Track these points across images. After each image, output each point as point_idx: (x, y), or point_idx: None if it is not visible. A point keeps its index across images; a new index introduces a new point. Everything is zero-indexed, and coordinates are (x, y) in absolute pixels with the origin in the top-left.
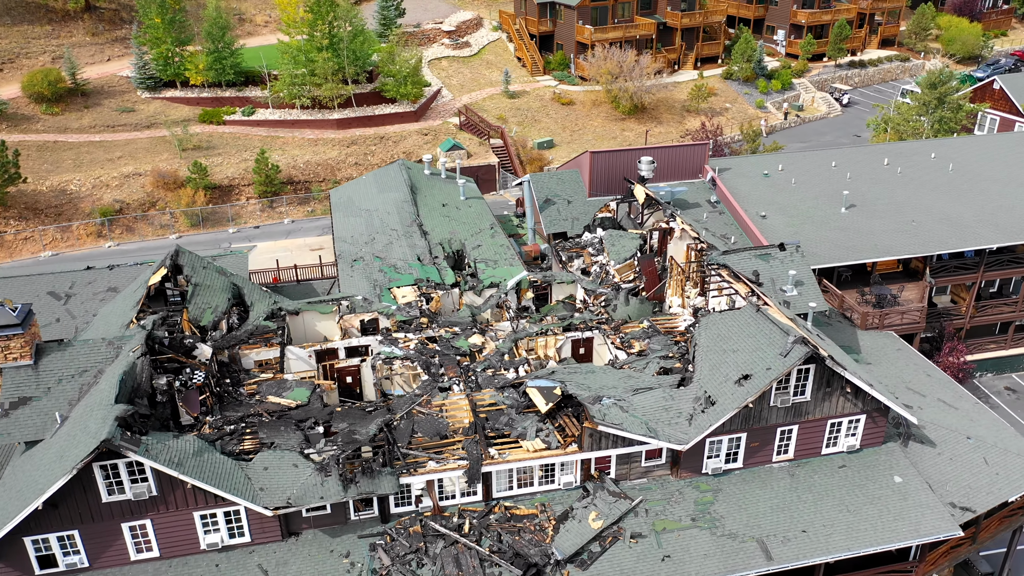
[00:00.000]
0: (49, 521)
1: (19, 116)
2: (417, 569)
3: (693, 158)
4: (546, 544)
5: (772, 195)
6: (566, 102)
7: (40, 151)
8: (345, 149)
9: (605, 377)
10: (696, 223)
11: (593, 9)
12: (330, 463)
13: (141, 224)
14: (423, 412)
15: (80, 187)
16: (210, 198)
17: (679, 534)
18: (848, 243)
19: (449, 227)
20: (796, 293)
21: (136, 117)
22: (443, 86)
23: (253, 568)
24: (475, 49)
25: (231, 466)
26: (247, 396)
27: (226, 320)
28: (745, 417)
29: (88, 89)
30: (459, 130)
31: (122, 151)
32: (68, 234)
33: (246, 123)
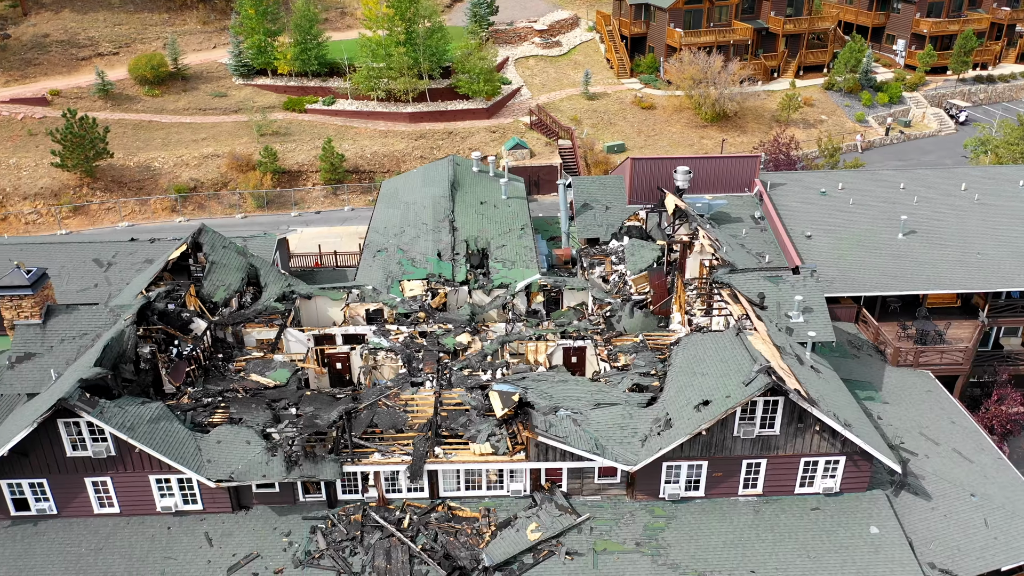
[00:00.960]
0: (22, 468)
1: (123, 97)
2: (349, 556)
3: (743, 170)
4: (478, 549)
5: (824, 215)
6: (647, 106)
7: (135, 129)
8: (413, 142)
9: (574, 388)
10: (723, 239)
11: (686, 12)
12: (277, 444)
13: (212, 202)
14: (388, 404)
15: (163, 164)
16: (278, 182)
17: (618, 557)
18: (898, 271)
19: (480, 225)
20: (802, 320)
21: (227, 102)
22: (523, 84)
23: (200, 535)
24: (565, 49)
25: (185, 436)
26: (234, 372)
27: (238, 298)
28: (707, 445)
29: (188, 74)
30: (529, 129)
31: (207, 133)
32: (146, 207)
33: (325, 112)
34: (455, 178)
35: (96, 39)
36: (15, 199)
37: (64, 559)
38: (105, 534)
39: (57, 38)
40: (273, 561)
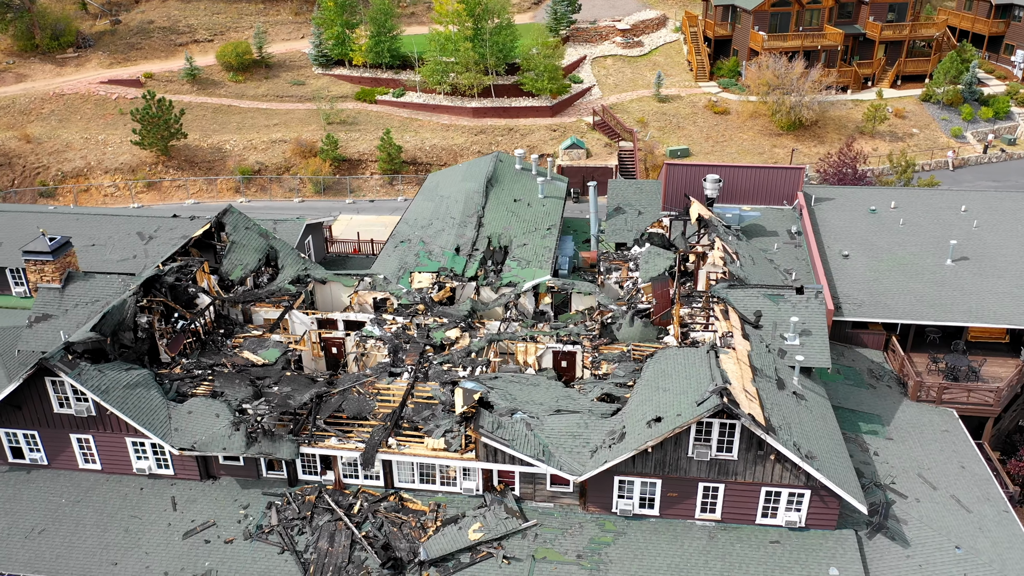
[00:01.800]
0: (17, 419)
1: (209, 81)
2: (296, 535)
3: (786, 182)
4: (418, 542)
5: (869, 234)
6: (720, 111)
7: (214, 113)
8: (473, 137)
9: (543, 393)
10: (748, 252)
11: (772, 15)
12: (241, 420)
13: (274, 185)
14: (360, 392)
15: (233, 147)
16: (337, 169)
17: (556, 567)
18: (938, 300)
19: (508, 222)
20: (797, 342)
21: (303, 90)
22: (595, 84)
23: (167, 498)
24: (646, 49)
25: (158, 404)
26: (230, 348)
27: (253, 278)
28: (660, 463)
29: (271, 62)
30: (591, 129)
31: (280, 119)
32: (212, 187)
33: (394, 104)
34: (494, 174)
35: (194, 27)
36: (98, 172)
37: (45, 507)
38: (86, 488)
39: (160, 25)
40: (227, 531)
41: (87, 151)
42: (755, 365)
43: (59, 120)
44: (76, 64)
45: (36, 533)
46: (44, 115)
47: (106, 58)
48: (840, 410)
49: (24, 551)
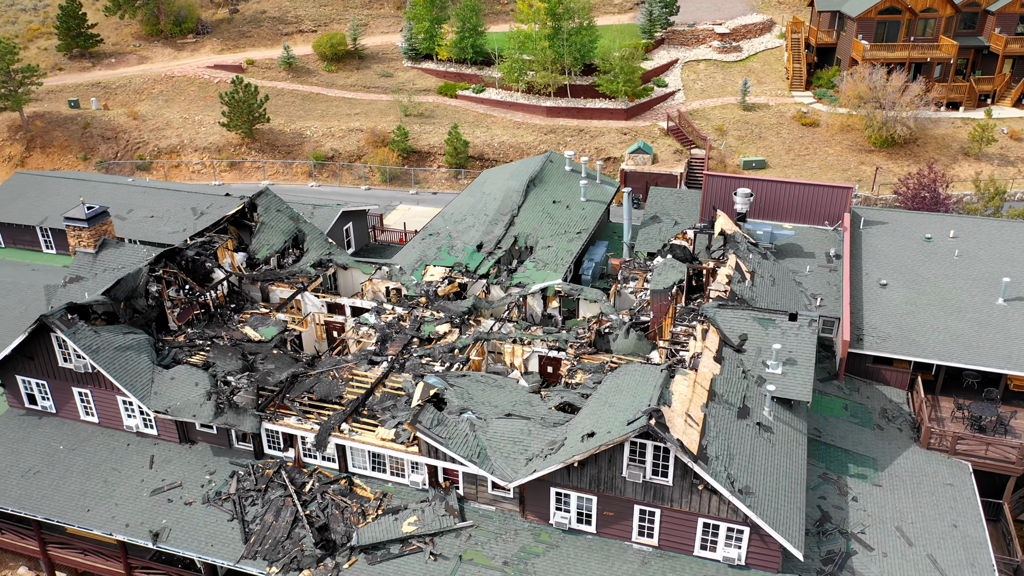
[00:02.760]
0: (30, 369)
1: (303, 70)
2: (248, 505)
3: (833, 202)
4: (355, 527)
5: (916, 263)
6: (808, 123)
7: (303, 100)
8: (542, 136)
9: (506, 396)
10: (770, 272)
11: (879, 23)
12: (213, 390)
13: (344, 172)
14: (335, 375)
15: (313, 133)
16: (406, 160)
17: (480, 571)
18: (978, 341)
19: (540, 223)
20: (779, 371)
21: (390, 82)
22: (681, 88)
23: (147, 456)
24: (743, 55)
25: (144, 367)
26: (236, 322)
27: (279, 258)
28: (596, 479)
29: (365, 53)
30: (664, 134)
31: (362, 109)
32: (288, 170)
33: (473, 99)
34: (539, 174)
35: (301, 17)
36: (189, 150)
37: (44, 451)
38: (82, 438)
39: (271, 15)
40: (189, 493)
41: (183, 130)
42: (716, 390)
43: (165, 100)
44: (192, 49)
45: (32, 474)
46: (154, 95)
47: (219, 44)
48: (831, 448)
49: (17, 488)
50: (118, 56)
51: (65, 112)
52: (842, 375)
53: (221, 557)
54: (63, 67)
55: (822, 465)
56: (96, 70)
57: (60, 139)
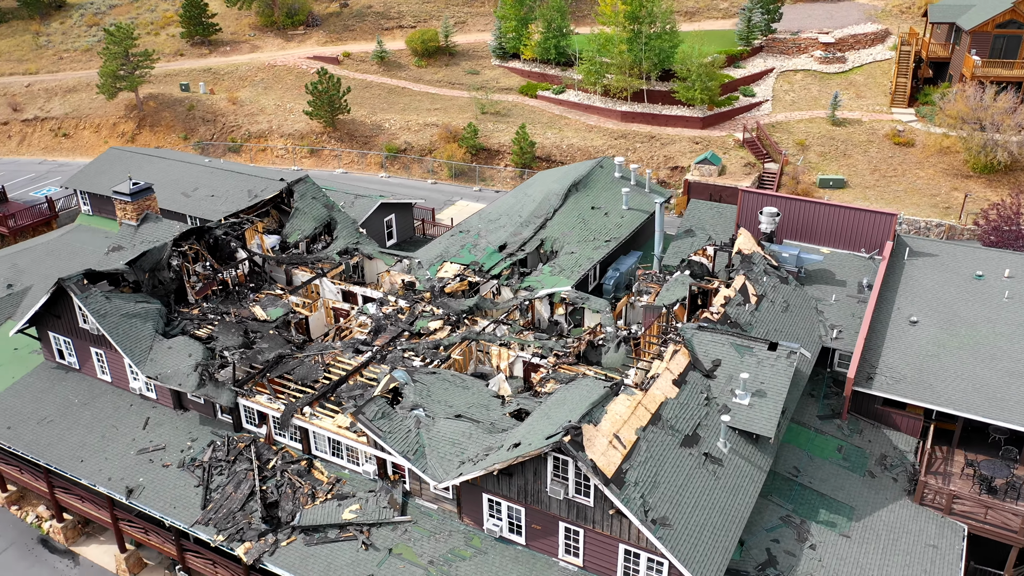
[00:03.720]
0: (58, 327)
1: (394, 64)
2: (216, 475)
3: (875, 228)
4: (302, 508)
5: (957, 302)
6: (902, 142)
7: (388, 93)
8: (612, 140)
9: (464, 397)
10: (783, 297)
11: (996, 37)
12: (200, 363)
13: (415, 165)
14: (318, 360)
15: (391, 126)
16: (475, 157)
17: (404, 566)
18: (1008, 394)
19: (571, 228)
20: (746, 402)
21: (475, 79)
22: (770, 99)
23: (144, 417)
24: (847, 66)
25: (146, 335)
26: (250, 301)
27: (309, 243)
28: (523, 491)
29: (455, 50)
30: (739, 146)
31: (442, 105)
32: (363, 160)
33: (551, 100)
34: (584, 179)
35: (403, 13)
36: (276, 136)
37: (61, 402)
38: (95, 394)
39: (376, 10)
40: (169, 456)
41: (274, 116)
42: (663, 414)
43: (264, 87)
44: (299, 40)
45: (46, 422)
46: (255, 82)
47: (324, 36)
48: (806, 490)
49: (31, 434)
50: (233, 44)
51: (176, 95)
52: (845, 414)
53: (178, 519)
54: (184, 53)
55: (789, 507)
56: (212, 57)
57: (167, 119)
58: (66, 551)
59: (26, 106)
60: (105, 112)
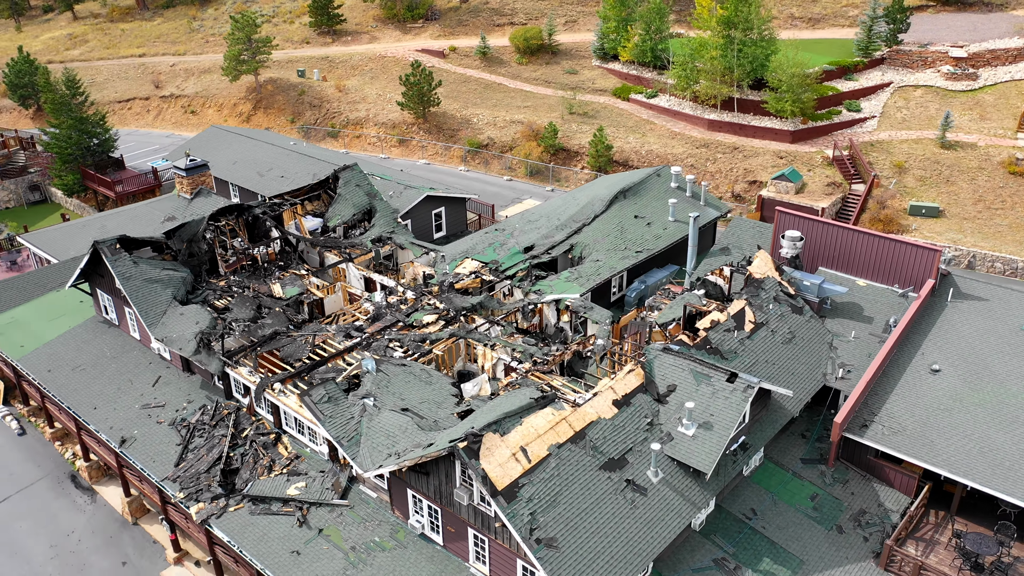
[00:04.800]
0: (103, 285)
1: (495, 60)
2: (195, 435)
3: (917, 264)
4: (257, 479)
5: (991, 353)
6: (1018, 171)
7: (484, 88)
8: (693, 149)
9: (421, 392)
10: (788, 328)
11: None
12: (201, 331)
13: (494, 161)
14: (309, 341)
15: (479, 121)
16: (552, 157)
17: (327, 548)
18: (1018, 464)
19: (606, 235)
20: (691, 434)
21: (572, 79)
22: (878, 115)
23: (156, 375)
24: (977, 84)
25: (163, 299)
26: (274, 277)
27: (345, 228)
28: (439, 492)
29: (558, 48)
30: (826, 164)
31: (532, 103)
32: (446, 152)
33: (642, 104)
34: (634, 187)
35: (517, 10)
36: (371, 124)
37: (96, 353)
38: (124, 349)
39: (492, 6)
40: (165, 414)
41: (372, 105)
42: (588, 434)
43: (371, 77)
44: (415, 33)
45: (79, 370)
46: (364, 71)
47: (438, 30)
48: (755, 535)
49: (63, 378)
50: (354, 35)
51: (292, 80)
52: (832, 461)
53: (154, 472)
54: (309, 41)
55: (730, 549)
56: (333, 46)
57: (280, 102)
58: (88, 488)
59: (166, 84)
60: (229, 93)
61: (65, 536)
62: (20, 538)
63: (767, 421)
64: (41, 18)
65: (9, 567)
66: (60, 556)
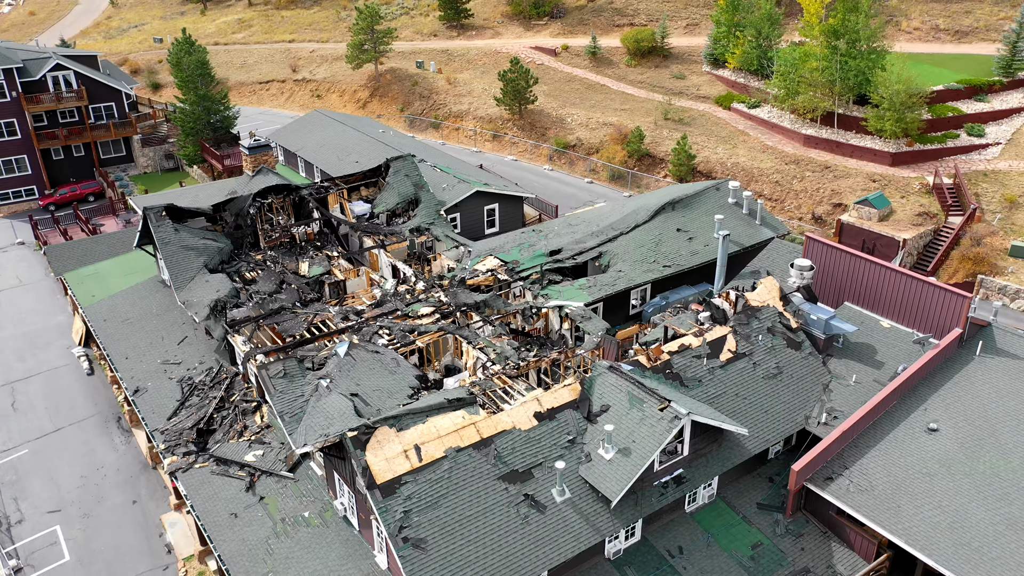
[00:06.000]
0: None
1: (605, 60)
2: (194, 394)
3: (945, 309)
4: (227, 441)
5: (1005, 420)
6: None
7: (586, 88)
8: (781, 165)
9: (379, 380)
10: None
11: None
12: (218, 299)
13: (578, 162)
14: (309, 320)
15: (572, 121)
16: (636, 163)
17: (262, 515)
18: (994, 550)
19: (638, 246)
20: (608, 458)
21: (678, 83)
22: (1003, 142)
23: (182, 335)
24: None
25: (194, 266)
26: (309, 257)
27: (389, 215)
28: (351, 479)
29: (669, 52)
30: (925, 192)
31: (629, 105)
32: (535, 150)
33: (741, 113)
34: (685, 199)
35: (639, 11)
36: (470, 118)
37: (145, 309)
38: (168, 308)
39: (616, 5)
40: (178, 371)
41: (476, 100)
42: (496, 443)
43: (481, 72)
44: (537, 30)
45: (127, 322)
46: (477, 66)
47: (558, 28)
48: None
49: (113, 328)
50: (479, 30)
51: (410, 71)
52: (790, 511)
53: (149, 423)
54: (437, 34)
55: None
56: (457, 39)
57: (394, 92)
58: (127, 431)
59: (302, 69)
60: (352, 80)
61: (95, 470)
62: (60, 465)
63: (717, 457)
64: (224, 3)
65: (41, 488)
66: (85, 487)
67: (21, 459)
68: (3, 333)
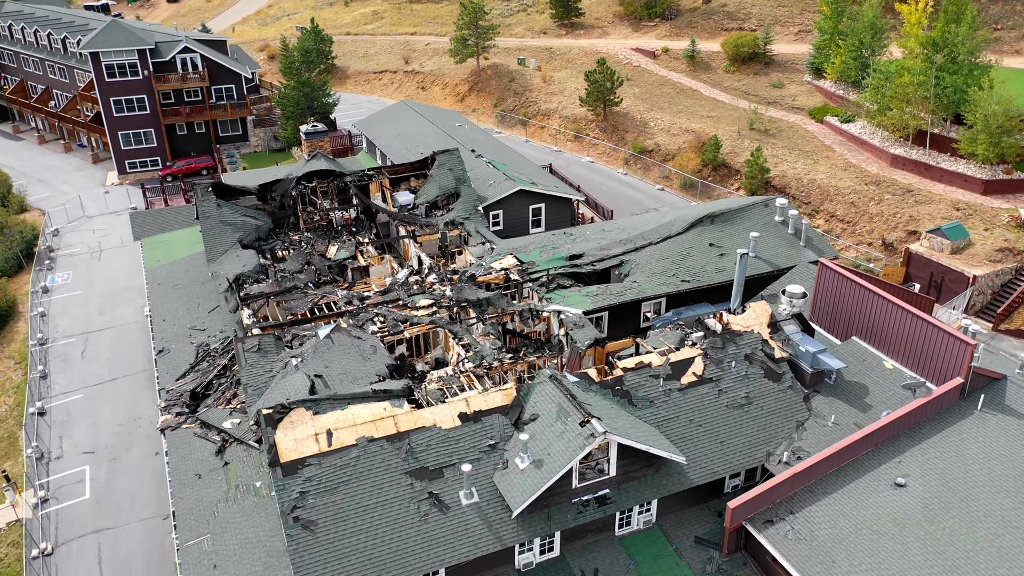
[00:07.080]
0: None
1: (703, 65)
2: (203, 361)
3: (948, 354)
4: (215, 408)
5: (985, 485)
6: None
7: (677, 93)
8: (861, 185)
9: (349, 365)
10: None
11: None
12: (240, 275)
13: (652, 168)
14: (314, 300)
15: (655, 125)
16: (711, 172)
17: (220, 479)
18: None
19: (664, 257)
20: (523, 467)
21: (773, 92)
22: None
23: (216, 304)
24: None
25: (229, 240)
26: (343, 240)
27: (431, 207)
28: None
29: (771, 59)
30: (1014, 225)
31: (718, 113)
32: (613, 153)
33: (833, 127)
34: (724, 214)
35: (750, 15)
36: (556, 117)
37: (194, 277)
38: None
39: (728, 9)
40: (200, 338)
41: (566, 99)
42: (412, 438)
43: (578, 71)
44: (645, 31)
45: (176, 287)
46: (575, 65)
47: (666, 31)
48: None
49: (163, 291)
50: (588, 29)
51: (511, 67)
52: (726, 550)
53: (161, 382)
54: (547, 31)
55: None
56: (565, 38)
57: (491, 87)
58: None
59: (413, 60)
60: (455, 74)
61: (132, 420)
62: (105, 412)
63: (651, 483)
64: None
65: (84, 430)
66: (119, 434)
67: (75, 402)
68: (95, 288)
